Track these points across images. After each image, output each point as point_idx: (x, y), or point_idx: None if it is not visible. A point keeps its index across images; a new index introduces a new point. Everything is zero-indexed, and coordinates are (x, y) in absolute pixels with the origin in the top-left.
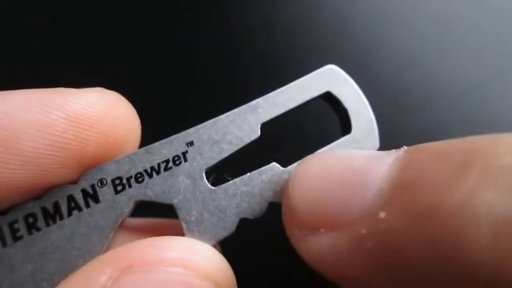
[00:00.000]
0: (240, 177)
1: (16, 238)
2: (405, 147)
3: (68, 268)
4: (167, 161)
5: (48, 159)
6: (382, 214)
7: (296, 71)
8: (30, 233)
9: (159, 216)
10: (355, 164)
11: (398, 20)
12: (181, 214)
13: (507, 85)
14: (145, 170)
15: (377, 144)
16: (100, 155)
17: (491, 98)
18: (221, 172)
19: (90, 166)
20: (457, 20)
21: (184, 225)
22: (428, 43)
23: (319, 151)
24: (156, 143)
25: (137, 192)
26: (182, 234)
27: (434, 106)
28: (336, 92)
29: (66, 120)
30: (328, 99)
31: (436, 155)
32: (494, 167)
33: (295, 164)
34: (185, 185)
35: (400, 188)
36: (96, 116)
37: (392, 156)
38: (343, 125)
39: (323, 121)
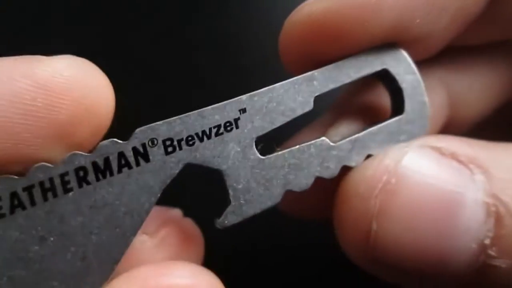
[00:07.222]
0: (289, 149)
1: (66, 190)
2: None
3: (115, 224)
4: (218, 126)
5: (19, 128)
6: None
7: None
8: (80, 186)
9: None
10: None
11: None
12: (229, 180)
13: None
14: (196, 134)
15: (426, 127)
16: (74, 123)
17: None
18: (270, 142)
19: (65, 136)
20: None
21: (230, 192)
22: None
23: (367, 130)
24: (209, 107)
25: (187, 155)
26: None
27: None
28: (394, 71)
29: (35, 88)
30: (383, 77)
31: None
32: None
33: (345, 141)
34: (235, 152)
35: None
36: (66, 83)
37: (473, 178)
38: (396, 105)
39: None
